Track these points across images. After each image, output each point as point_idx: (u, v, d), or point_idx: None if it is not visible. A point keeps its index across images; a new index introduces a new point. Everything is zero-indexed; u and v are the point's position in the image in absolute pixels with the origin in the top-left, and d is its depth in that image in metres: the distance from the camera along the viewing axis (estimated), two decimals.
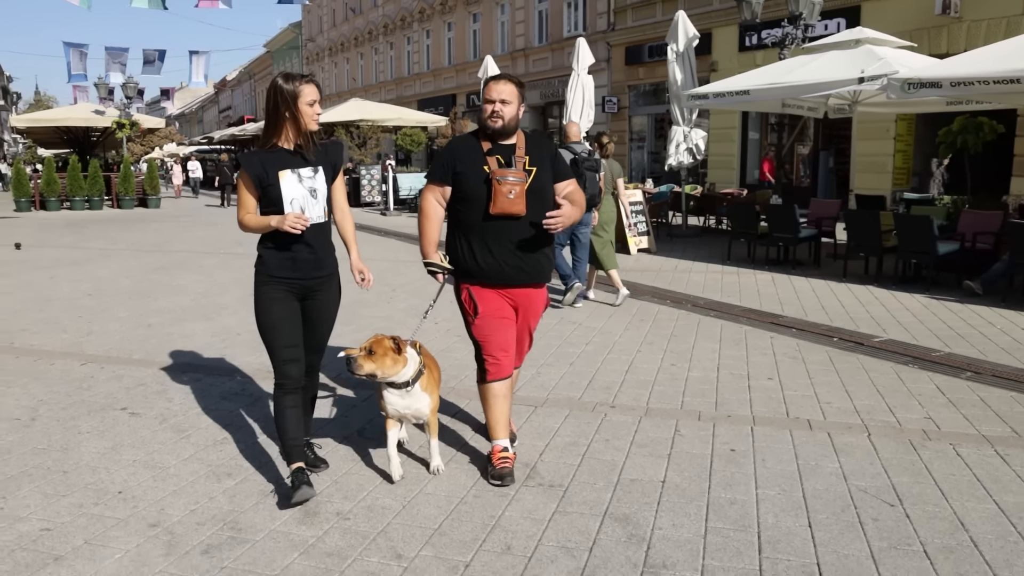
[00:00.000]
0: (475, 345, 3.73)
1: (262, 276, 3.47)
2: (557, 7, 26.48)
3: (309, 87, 3.35)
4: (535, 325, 3.90)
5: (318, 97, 3.39)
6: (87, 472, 3.71)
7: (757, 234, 10.69)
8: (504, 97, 3.56)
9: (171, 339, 6.43)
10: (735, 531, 3.12)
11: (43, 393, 4.97)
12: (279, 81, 3.34)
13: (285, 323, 3.43)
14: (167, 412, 4.58)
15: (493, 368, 3.63)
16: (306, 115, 3.34)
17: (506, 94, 3.57)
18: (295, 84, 3.32)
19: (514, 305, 3.69)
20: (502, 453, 3.64)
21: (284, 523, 3.19)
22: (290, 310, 3.46)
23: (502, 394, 3.66)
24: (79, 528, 3.14)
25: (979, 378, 5.33)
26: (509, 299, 3.67)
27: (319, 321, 3.57)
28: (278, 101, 3.32)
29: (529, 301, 3.73)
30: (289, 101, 3.30)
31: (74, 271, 10.45)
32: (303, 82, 3.34)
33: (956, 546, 3.01)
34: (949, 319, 7.11)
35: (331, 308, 3.62)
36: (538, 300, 3.78)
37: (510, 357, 3.68)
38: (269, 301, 3.42)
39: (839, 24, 17.23)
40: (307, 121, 3.35)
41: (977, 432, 4.29)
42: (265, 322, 3.44)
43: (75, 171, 22.31)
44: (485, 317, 3.63)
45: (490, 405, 3.68)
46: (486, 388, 3.68)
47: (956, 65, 8.51)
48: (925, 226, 8.46)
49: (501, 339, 3.64)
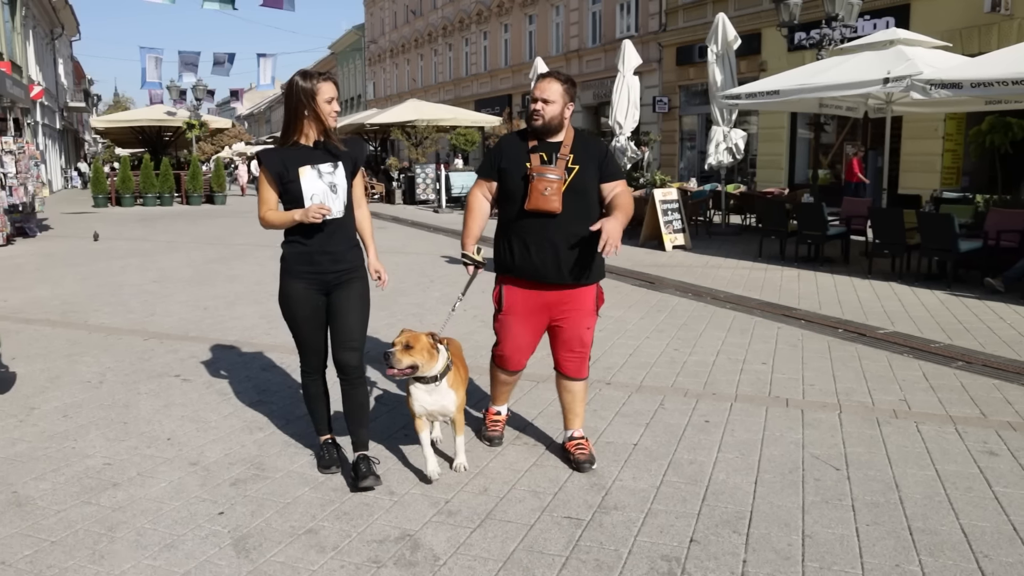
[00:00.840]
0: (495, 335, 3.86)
1: (285, 272, 3.53)
2: (610, 8, 26.79)
3: (327, 85, 3.38)
4: (588, 324, 3.73)
5: (335, 95, 3.43)
6: (143, 423, 4.36)
7: (787, 232, 10.92)
8: (546, 96, 3.55)
9: (223, 320, 7.13)
10: (686, 484, 3.56)
11: (110, 362, 5.69)
12: (297, 79, 3.37)
13: (309, 319, 3.51)
14: (214, 379, 5.23)
15: (499, 360, 3.85)
16: (324, 112, 3.37)
17: (548, 93, 3.55)
18: (313, 82, 3.35)
19: (548, 305, 3.65)
20: (495, 416, 4.03)
21: (300, 466, 3.76)
22: (312, 305, 3.50)
23: (507, 380, 3.93)
24: (133, 464, 3.78)
25: (969, 367, 5.60)
26: (543, 299, 3.64)
27: (345, 315, 3.52)
28: (297, 99, 3.36)
29: (569, 303, 3.65)
30: (307, 99, 3.34)
31: (143, 261, 11.35)
32: (321, 80, 3.38)
33: (883, 502, 3.40)
34: (962, 314, 7.31)
35: (354, 302, 3.55)
36: (581, 299, 3.67)
37: (521, 357, 3.79)
38: (291, 296, 3.50)
39: (888, 23, 17.17)
40: (325, 117, 3.39)
41: (945, 413, 4.60)
42: (288, 316, 3.55)
43: (148, 169, 23.63)
44: (507, 316, 3.71)
45: (494, 381, 3.99)
46: (494, 369, 3.93)
47: (979, 66, 8.65)
48: (946, 224, 8.63)
49: (514, 341, 3.73)
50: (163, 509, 3.30)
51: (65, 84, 43.56)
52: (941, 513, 3.29)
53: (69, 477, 3.63)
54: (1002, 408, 4.69)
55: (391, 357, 3.32)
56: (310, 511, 3.29)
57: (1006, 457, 3.91)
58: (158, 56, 34.69)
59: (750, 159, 22.37)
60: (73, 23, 41.99)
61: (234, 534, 3.08)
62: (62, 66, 41.89)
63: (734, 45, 13.84)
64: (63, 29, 39.55)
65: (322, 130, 3.43)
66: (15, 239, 14.06)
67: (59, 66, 40.32)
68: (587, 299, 3.69)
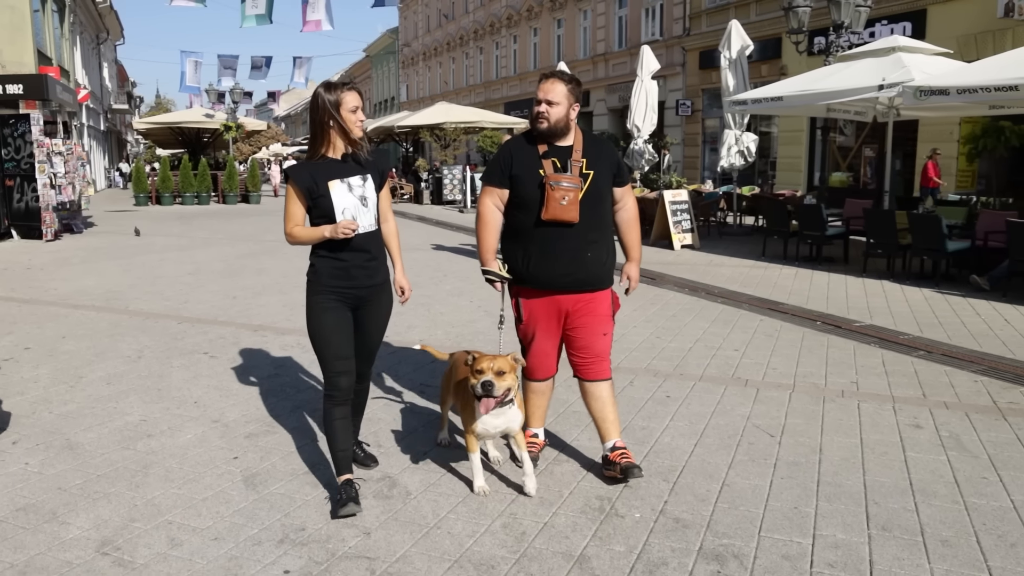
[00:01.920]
0: (520, 344, 3.80)
1: (315, 286, 3.38)
2: (636, 13, 27.24)
3: (351, 94, 3.30)
4: (605, 329, 3.67)
5: (360, 104, 3.34)
6: (174, 390, 5.04)
7: (789, 232, 11.35)
8: (551, 97, 3.43)
9: (249, 308, 7.82)
10: (633, 444, 4.10)
11: (147, 341, 6.40)
12: (320, 91, 3.30)
13: (337, 335, 3.36)
14: (237, 356, 5.90)
15: (530, 371, 3.73)
16: (349, 122, 3.29)
17: (553, 94, 3.43)
18: (337, 93, 3.28)
19: (564, 311, 3.60)
20: (531, 439, 3.83)
21: (305, 424, 4.39)
22: (343, 321, 3.38)
23: (540, 391, 3.78)
24: (165, 421, 4.44)
25: (928, 356, 6.05)
26: (558, 305, 3.59)
27: (372, 330, 3.51)
28: (322, 111, 3.29)
29: (586, 307, 3.59)
30: (332, 110, 3.27)
31: (179, 255, 12.14)
32: (344, 90, 3.30)
33: (802, 462, 3.92)
34: (941, 310, 7.72)
35: (383, 316, 3.54)
36: (596, 303, 3.61)
37: (548, 362, 3.70)
38: (322, 312, 3.35)
39: (904, 28, 17.44)
40: (351, 128, 3.31)
41: (889, 394, 5.09)
42: (317, 333, 3.37)
43: (186, 169, 24.63)
44: (528, 325, 3.66)
45: (527, 398, 3.79)
46: (526, 383, 3.78)
47: (968, 72, 9.03)
48: (935, 225, 9.03)
49: (539, 347, 3.67)
50: (188, 454, 3.95)
51: (109, 87, 45.08)
52: (851, 471, 3.80)
53: (111, 429, 4.30)
54: (944, 391, 5.15)
55: (493, 388, 3.19)
56: (310, 458, 3.91)
57: (929, 430, 4.39)
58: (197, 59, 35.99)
59: (770, 162, 22.71)
60: (117, 28, 43.49)
61: (245, 473, 3.71)
62: (107, 69, 43.37)
63: (746, 51, 14.26)
64: (108, 34, 41.00)
65: (349, 141, 3.35)
66: (62, 235, 14.97)
67: (104, 69, 41.77)
68: (603, 304, 3.63)
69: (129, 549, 3.00)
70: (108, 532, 3.13)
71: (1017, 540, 3.10)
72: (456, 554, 2.98)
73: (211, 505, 3.38)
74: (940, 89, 8.80)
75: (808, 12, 13.35)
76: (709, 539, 3.11)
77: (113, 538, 3.08)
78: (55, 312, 7.58)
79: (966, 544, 3.08)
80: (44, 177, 14.00)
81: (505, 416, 3.35)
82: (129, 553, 2.97)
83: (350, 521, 3.23)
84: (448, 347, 6.07)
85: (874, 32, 18.09)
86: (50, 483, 3.61)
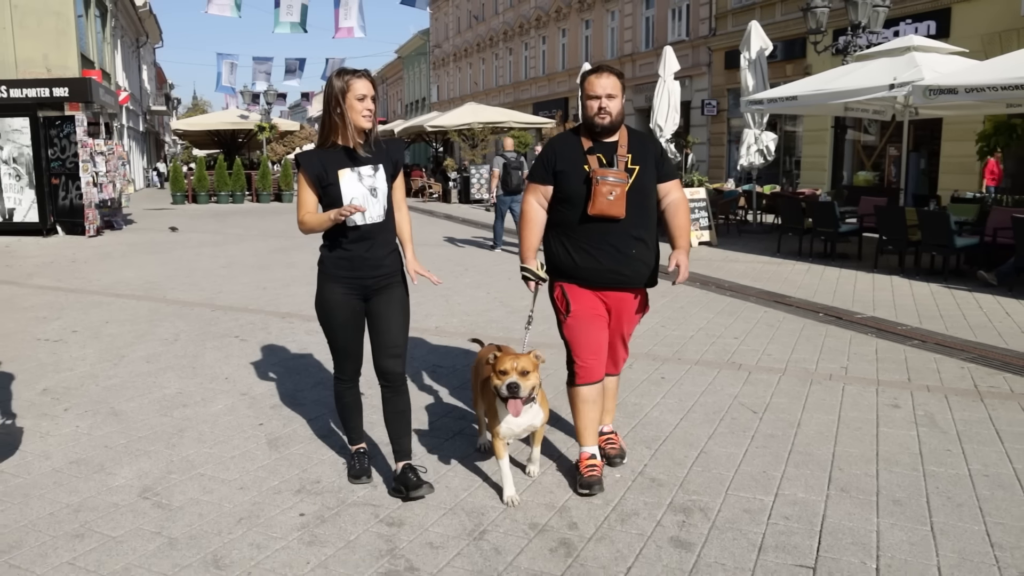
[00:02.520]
0: (566, 347, 3.62)
1: (323, 275, 3.41)
2: (663, 14, 27.44)
3: (360, 82, 3.23)
4: (630, 331, 3.72)
5: (370, 92, 3.25)
6: (207, 368, 5.49)
7: (804, 229, 11.57)
8: (610, 91, 3.38)
9: (278, 297, 8.29)
10: (622, 418, 4.45)
11: (183, 326, 6.88)
12: (332, 76, 3.25)
13: (346, 324, 3.40)
14: (265, 339, 6.35)
15: (582, 372, 3.52)
16: (354, 110, 3.22)
17: (611, 88, 3.39)
18: (345, 79, 3.21)
19: (608, 308, 3.56)
20: (590, 460, 3.54)
21: (325, 397, 4.80)
22: (350, 310, 3.39)
23: (591, 399, 3.54)
24: (199, 393, 4.89)
25: (921, 345, 6.30)
26: (603, 301, 3.55)
27: (387, 322, 3.42)
28: (330, 97, 3.24)
29: (624, 305, 3.57)
30: (338, 96, 3.21)
31: (214, 250, 12.70)
32: (355, 77, 3.23)
33: (779, 435, 4.23)
34: (945, 303, 7.93)
35: (395, 308, 3.44)
36: (633, 305, 3.61)
37: (601, 361, 3.55)
38: (329, 300, 3.38)
39: (929, 27, 17.51)
40: (354, 116, 3.22)
41: (875, 378, 5.37)
42: (324, 321, 3.43)
43: (221, 169, 25.37)
44: (577, 317, 3.50)
45: (579, 410, 3.56)
46: (575, 392, 3.57)
47: (977, 71, 9.20)
48: (943, 221, 9.21)
49: (592, 341, 3.50)
50: (219, 421, 4.38)
51: (148, 89, 46.27)
52: (823, 443, 4.12)
53: (151, 400, 4.76)
54: (929, 376, 5.42)
55: (519, 389, 3.13)
56: (328, 426, 4.32)
57: (906, 409, 4.68)
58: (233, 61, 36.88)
59: (794, 161, 22.81)
60: (156, 31, 44.64)
61: (269, 437, 4.14)
62: (146, 72, 44.54)
63: (766, 52, 14.47)
64: (147, 37, 42.14)
65: (360, 130, 3.29)
66: (104, 231, 15.65)
67: (143, 72, 42.92)
68: (635, 306, 3.62)
69: (167, 495, 3.43)
70: (148, 481, 3.57)
71: (964, 502, 3.40)
72: (451, 504, 3.36)
73: (238, 462, 3.80)
74: (949, 88, 8.99)
75: (827, 12, 13.54)
76: (680, 495, 3.46)
77: (153, 486, 3.52)
78: (99, 300, 8.12)
79: (916, 504, 3.38)
80: (87, 176, 14.68)
81: (528, 414, 3.29)
82: (167, 498, 3.40)
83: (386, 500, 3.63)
84: (463, 332, 6.47)
85: (898, 31, 18.12)
86: (98, 442, 4.07)
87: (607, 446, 3.80)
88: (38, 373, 5.41)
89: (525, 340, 3.55)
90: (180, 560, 2.88)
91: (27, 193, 14.54)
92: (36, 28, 21.95)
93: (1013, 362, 5.73)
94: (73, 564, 2.86)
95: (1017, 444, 4.07)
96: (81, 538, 3.05)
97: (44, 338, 6.46)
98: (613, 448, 3.81)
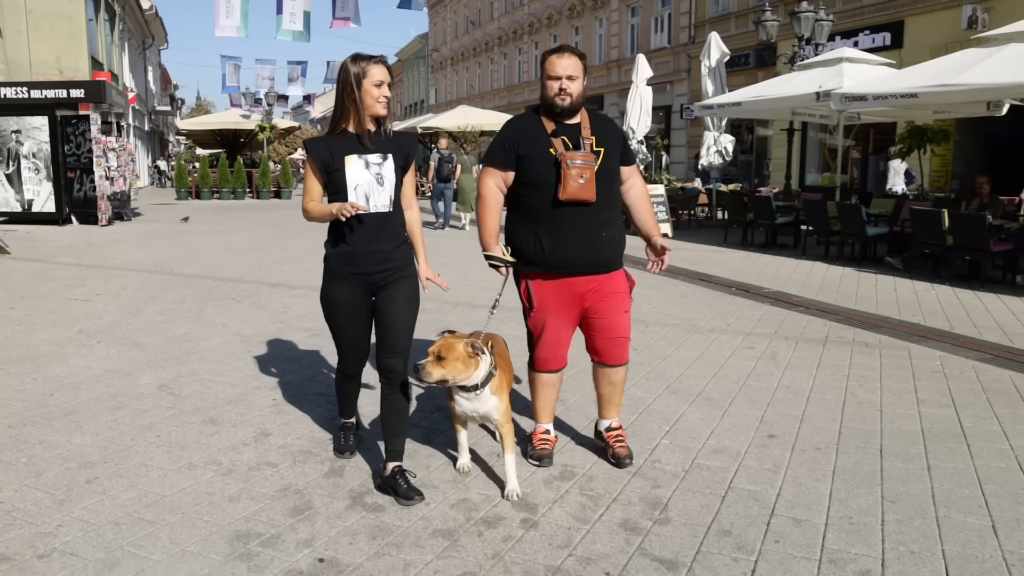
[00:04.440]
0: (528, 334, 3.64)
1: (327, 269, 3.35)
2: (646, 22, 28.76)
3: (377, 68, 3.16)
4: (625, 307, 3.58)
5: (386, 79, 3.19)
6: (208, 318, 6.81)
7: (746, 221, 12.85)
8: (571, 72, 3.32)
9: (270, 272, 9.59)
10: None
11: (189, 291, 8.20)
12: (347, 61, 3.17)
13: (349, 322, 3.35)
14: (256, 301, 7.67)
15: (540, 362, 3.58)
16: (371, 96, 3.15)
17: (572, 68, 3.32)
18: (362, 64, 3.15)
19: (580, 295, 3.48)
20: (543, 435, 3.66)
21: (303, 337, 6.08)
22: (354, 306, 3.31)
23: (550, 383, 3.62)
24: (201, 334, 6.21)
25: (805, 311, 7.53)
26: (574, 289, 3.46)
27: (392, 318, 3.30)
28: (345, 82, 3.17)
29: (601, 286, 3.49)
30: (353, 82, 3.14)
31: (215, 237, 14.02)
32: (372, 63, 3.16)
33: (645, 363, 5.50)
34: (847, 282, 9.16)
35: (401, 303, 3.31)
36: (613, 283, 3.52)
37: (560, 353, 3.57)
38: (332, 295, 3.33)
39: (885, 38, 18.83)
40: (370, 103, 3.16)
41: (749, 331, 6.63)
42: (328, 316, 3.39)
43: (223, 167, 26.70)
44: (540, 312, 3.49)
45: (536, 391, 3.65)
46: (534, 376, 3.62)
47: (887, 81, 10.49)
48: (856, 213, 10.50)
49: (553, 336, 3.51)
50: (216, 350, 5.70)
51: (153, 89, 47.65)
52: (676, 367, 5.39)
53: (164, 338, 6.07)
54: (793, 330, 6.68)
55: (420, 371, 3.05)
56: (298, 353, 5.62)
57: (758, 350, 5.94)
58: (237, 63, 38.23)
59: (765, 162, 24.09)
60: (162, 33, 46.05)
61: (255, 357, 5.46)
62: (151, 73, 45.91)
63: (724, 60, 15.76)
64: (153, 39, 43.53)
65: (373, 117, 3.22)
66: (114, 222, 16.95)
67: (148, 73, 44.28)
68: (619, 282, 3.56)
69: (177, 388, 4.74)
70: (164, 382, 4.89)
71: (759, 400, 4.66)
72: None
73: (230, 372, 5.11)
74: (859, 96, 10.28)
75: (776, 26, 14.83)
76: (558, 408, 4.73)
77: (168, 384, 4.83)
78: (116, 273, 9.43)
79: (721, 401, 4.65)
80: (100, 170, 15.99)
81: (478, 401, 3.21)
82: (177, 390, 4.71)
83: (330, 389, 4.91)
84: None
85: (857, 41, 19.47)
86: (125, 361, 5.38)
87: (616, 445, 3.67)
88: (72, 321, 6.72)
89: (486, 325, 3.43)
90: (186, 420, 4.19)
91: (45, 186, 15.85)
92: (49, 31, 23.31)
93: (867, 320, 7.03)
94: (115, 421, 4.16)
95: (827, 371, 5.32)
96: (119, 409, 4.36)
97: (74, 298, 7.78)
98: (622, 448, 3.66)
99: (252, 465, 3.59)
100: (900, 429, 4.16)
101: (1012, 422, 4.29)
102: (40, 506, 3.16)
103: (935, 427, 4.20)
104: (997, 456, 3.79)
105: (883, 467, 3.64)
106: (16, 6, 22.69)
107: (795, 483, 3.46)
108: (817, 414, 4.40)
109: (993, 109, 10.15)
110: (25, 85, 16.61)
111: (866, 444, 3.94)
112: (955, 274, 9.37)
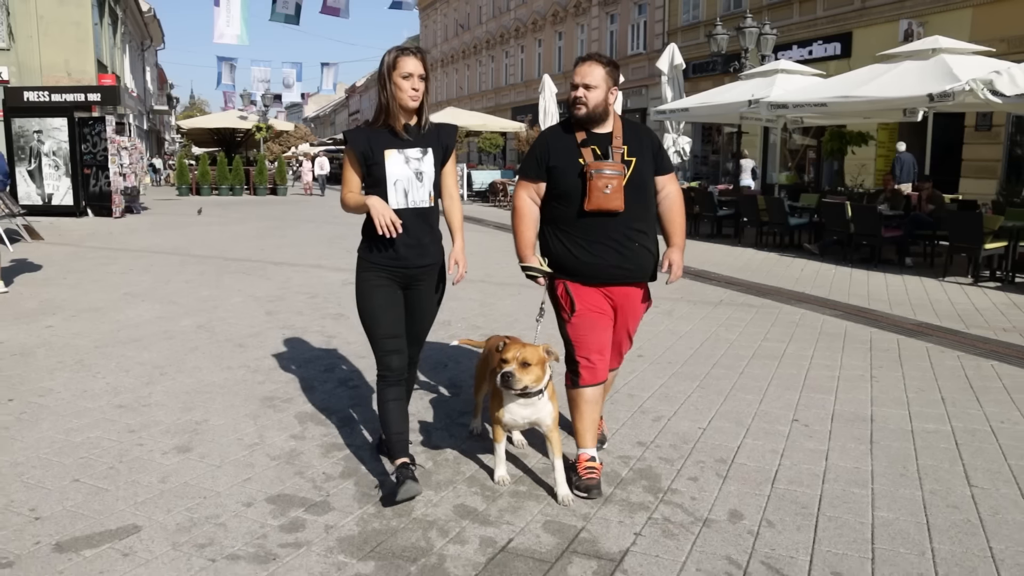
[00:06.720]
0: (567, 346, 3.47)
1: (364, 262, 3.30)
2: (624, 28, 30.41)
3: (407, 59, 3.12)
4: (634, 327, 3.59)
5: (418, 71, 3.13)
6: (226, 286, 8.43)
7: (693, 214, 14.46)
8: (588, 81, 3.29)
9: (272, 254, 11.19)
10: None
11: (206, 268, 9.81)
12: (385, 52, 3.16)
13: (387, 312, 3.26)
14: (264, 274, 9.27)
15: (587, 372, 3.39)
16: (400, 88, 3.12)
17: (591, 77, 3.30)
18: (393, 55, 3.13)
19: (613, 304, 3.44)
20: (589, 463, 3.40)
21: (304, 300, 7.66)
22: (392, 299, 3.28)
23: (594, 400, 3.43)
24: (221, 297, 7.80)
25: (727, 286, 9.12)
26: (608, 297, 3.42)
27: (421, 313, 3.37)
28: (380, 74, 3.16)
29: (627, 300, 3.45)
30: (386, 73, 3.13)
31: (221, 228, 15.59)
32: (403, 54, 3.13)
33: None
34: (769, 265, 10.76)
35: (433, 299, 3.41)
36: (637, 299, 3.49)
37: (605, 360, 3.43)
38: (371, 289, 3.27)
39: (836, 47, 20.49)
40: (400, 95, 3.13)
41: (671, 298, 8.23)
42: (366, 310, 3.28)
43: (222, 165, 28.25)
44: (582, 315, 3.38)
45: (580, 411, 3.43)
46: (577, 393, 3.43)
47: (808, 91, 12.11)
48: (780, 206, 12.13)
49: (597, 340, 3.38)
50: (236, 307, 7.30)
51: (151, 89, 48.95)
52: None
53: (192, 299, 7.67)
54: (709, 298, 8.28)
55: (511, 379, 3.05)
56: (304, 309, 7.20)
57: (676, 314, 7.54)
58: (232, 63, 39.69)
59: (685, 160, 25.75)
60: (159, 34, 47.40)
61: (267, 311, 7.04)
62: (149, 73, 47.21)
63: (680, 69, 17.36)
64: (151, 41, 44.89)
65: (407, 111, 3.19)
66: (126, 214, 18.48)
67: (146, 73, 45.59)
68: (640, 298, 3.52)
69: (210, 328, 6.35)
70: (201, 323, 6.52)
71: (642, 336, 6.26)
72: None
73: (249, 318, 6.73)
74: (782, 104, 11.90)
75: (727, 39, 16.44)
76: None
77: (203, 325, 6.44)
78: (141, 255, 11.01)
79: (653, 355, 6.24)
80: (115, 167, 17.53)
81: (534, 407, 3.20)
82: (210, 329, 6.31)
83: (325, 326, 6.51)
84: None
85: (811, 50, 21.17)
86: (166, 312, 6.98)
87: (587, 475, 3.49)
88: (117, 286, 8.32)
89: (537, 333, 3.43)
90: (221, 344, 5.80)
91: (64, 181, 17.38)
92: (59, 36, 24.76)
93: (761, 290, 8.67)
94: (170, 345, 5.76)
95: (706, 322, 6.94)
96: (171, 339, 5.97)
97: (112, 272, 9.37)
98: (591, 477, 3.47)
99: (272, 366, 5.21)
100: (737, 355, 5.79)
101: (824, 353, 5.92)
102: (136, 384, 4.78)
103: (763, 349, 5.85)
104: (795, 368, 5.43)
105: (711, 373, 5.28)
106: (28, 13, 24.13)
107: (656, 382, 5.08)
108: (683, 344, 6.02)
109: (909, 116, 11.78)
110: (47, 89, 18.11)
111: (708, 359, 5.58)
112: (859, 257, 11.00)
